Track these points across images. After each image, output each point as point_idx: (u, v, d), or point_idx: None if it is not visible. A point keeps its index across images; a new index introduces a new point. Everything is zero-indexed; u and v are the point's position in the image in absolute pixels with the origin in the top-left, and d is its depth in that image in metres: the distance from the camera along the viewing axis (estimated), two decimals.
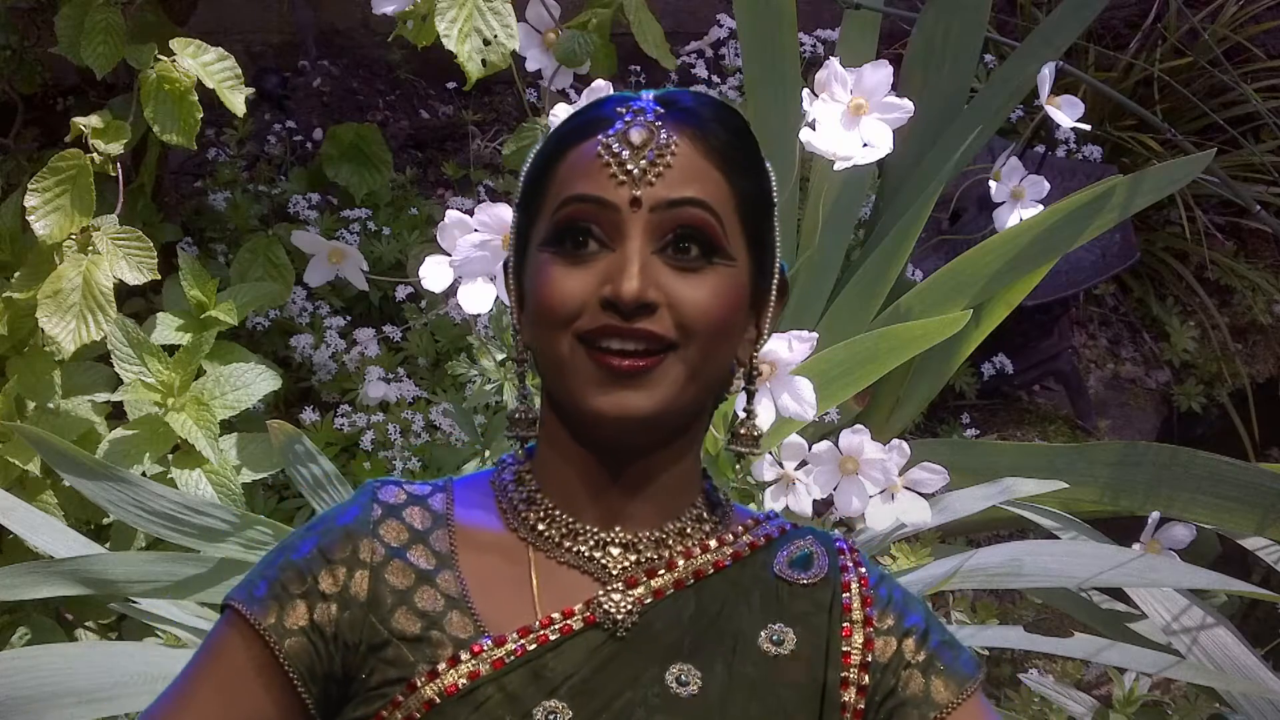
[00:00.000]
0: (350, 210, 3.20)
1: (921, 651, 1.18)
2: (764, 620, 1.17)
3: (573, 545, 1.17)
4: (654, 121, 1.13)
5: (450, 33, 2.27)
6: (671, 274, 1.11)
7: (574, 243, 1.12)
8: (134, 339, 2.46)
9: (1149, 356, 3.87)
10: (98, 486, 2.16)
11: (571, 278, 1.11)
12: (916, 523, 2.18)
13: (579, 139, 1.15)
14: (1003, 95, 2.92)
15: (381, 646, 1.14)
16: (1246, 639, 2.26)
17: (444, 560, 1.16)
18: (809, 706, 1.16)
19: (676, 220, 1.11)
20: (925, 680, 1.17)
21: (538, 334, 1.14)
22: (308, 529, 1.19)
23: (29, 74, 3.08)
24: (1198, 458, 2.42)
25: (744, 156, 1.17)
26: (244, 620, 1.14)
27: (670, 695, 1.14)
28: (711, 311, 1.12)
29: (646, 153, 1.12)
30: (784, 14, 2.75)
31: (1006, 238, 2.57)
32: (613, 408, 1.10)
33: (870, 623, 1.18)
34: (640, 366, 1.10)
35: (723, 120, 1.16)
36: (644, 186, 1.11)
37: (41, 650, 2.18)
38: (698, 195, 1.12)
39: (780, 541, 1.22)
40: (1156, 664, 2.14)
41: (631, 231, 1.11)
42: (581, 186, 1.12)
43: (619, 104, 1.15)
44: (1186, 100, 3.79)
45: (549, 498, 1.18)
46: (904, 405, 2.87)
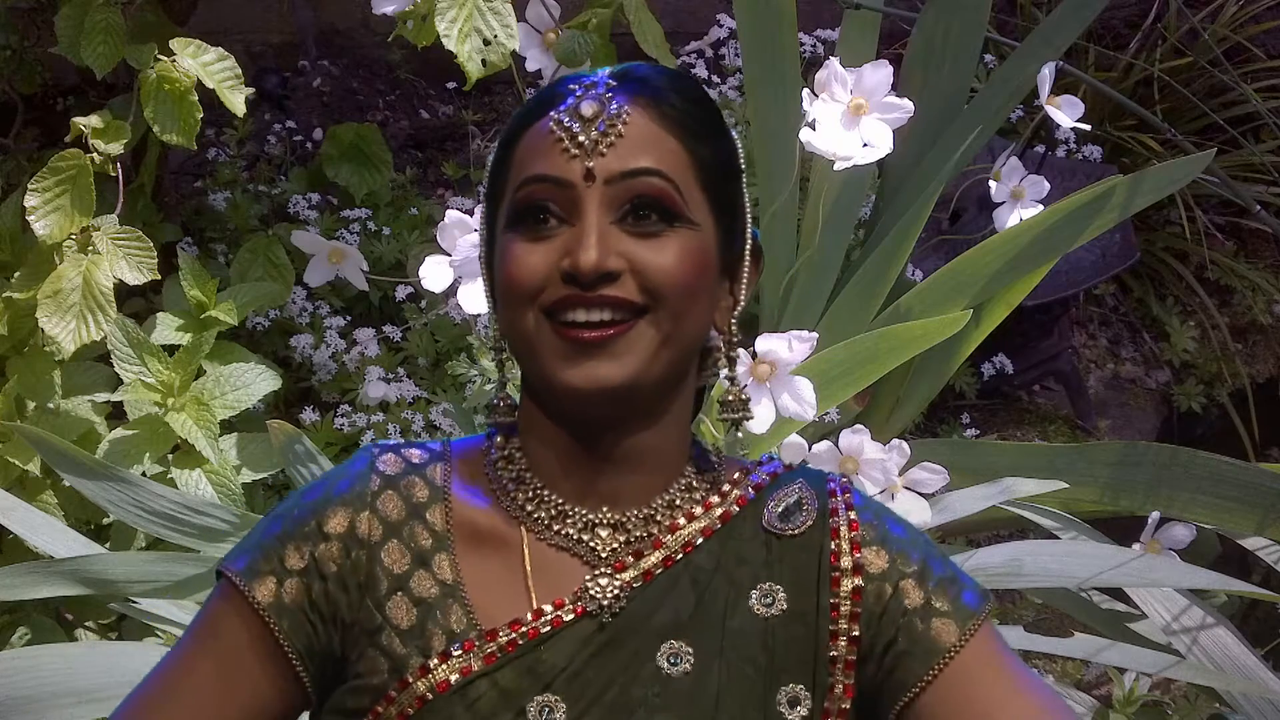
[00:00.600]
0: (350, 210, 3.20)
1: (920, 593, 1.15)
2: (753, 580, 1.16)
3: (561, 528, 1.15)
4: (605, 94, 1.13)
5: (450, 33, 2.27)
6: (632, 241, 1.11)
7: (534, 221, 1.12)
8: (134, 339, 2.46)
9: (1149, 356, 3.87)
10: (98, 486, 2.16)
11: (533, 253, 1.11)
12: (916, 523, 2.18)
13: (534, 119, 1.15)
14: (1003, 95, 2.92)
15: (375, 632, 1.13)
16: (1246, 639, 2.26)
17: (440, 540, 1.15)
18: (804, 664, 1.15)
19: (632, 190, 1.11)
20: (926, 625, 1.14)
21: (505, 313, 1.14)
22: (304, 495, 1.17)
23: (29, 74, 3.08)
24: (1198, 458, 2.42)
25: (702, 123, 1.15)
26: (240, 596, 1.14)
27: (663, 676, 1.13)
28: (676, 273, 1.11)
29: (597, 124, 1.11)
30: (784, 14, 2.75)
31: (1006, 238, 2.57)
32: (583, 380, 1.09)
33: (859, 570, 1.16)
34: (608, 335, 1.09)
35: (679, 89, 1.15)
36: (596, 158, 1.10)
37: (41, 650, 2.18)
38: (651, 164, 1.11)
39: (770, 489, 1.19)
40: (1156, 664, 2.14)
41: (588, 205, 1.10)
42: (536, 166, 1.12)
43: (573, 80, 1.15)
44: (1186, 100, 3.79)
45: (537, 477, 1.17)
46: (904, 405, 2.86)
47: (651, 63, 1.30)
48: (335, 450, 2.74)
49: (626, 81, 1.14)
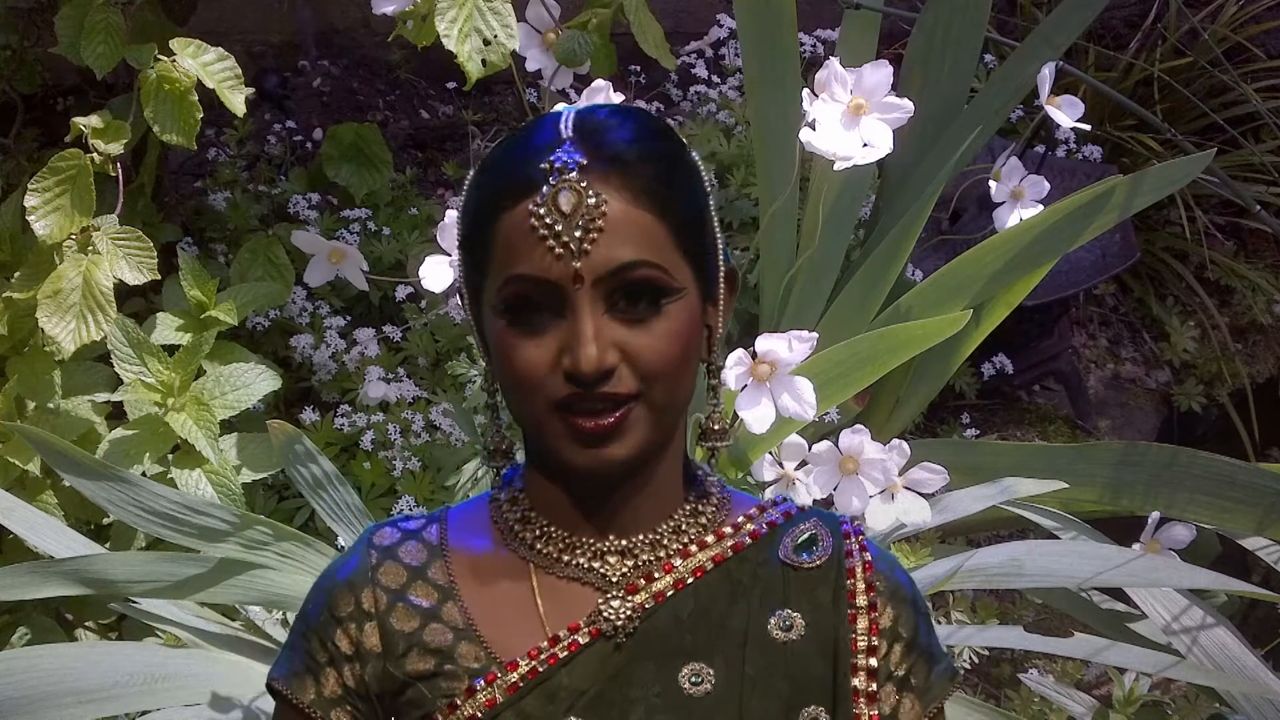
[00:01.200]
0: (350, 210, 3.20)
1: (903, 665, 1.22)
2: (770, 608, 1.19)
3: (571, 559, 1.19)
4: (579, 181, 1.12)
5: (450, 33, 2.27)
6: (624, 329, 1.13)
7: (526, 315, 1.14)
8: (134, 339, 2.46)
9: (1149, 356, 3.87)
10: (98, 486, 2.16)
11: (532, 348, 1.13)
12: (916, 523, 2.18)
13: (510, 202, 1.14)
14: (1003, 95, 2.92)
15: (401, 690, 1.18)
16: (1246, 639, 2.26)
17: (445, 592, 1.20)
18: (823, 689, 1.19)
19: (621, 282, 1.13)
20: (899, 697, 1.21)
21: (511, 398, 1.17)
22: (316, 587, 1.23)
23: (29, 74, 3.08)
24: (1198, 458, 2.42)
25: (673, 181, 1.16)
26: (289, 703, 1.20)
27: (685, 696, 1.16)
28: (669, 354, 1.14)
29: (578, 220, 1.11)
30: (784, 14, 2.75)
31: (1006, 238, 2.57)
32: (591, 461, 1.14)
33: (874, 609, 1.20)
34: (609, 425, 1.12)
35: (647, 152, 1.15)
36: (582, 258, 1.11)
37: (41, 650, 2.18)
38: (637, 255, 1.12)
39: (785, 526, 1.23)
40: (1156, 664, 2.14)
41: (579, 303, 1.12)
42: (522, 266, 1.13)
43: (542, 157, 1.13)
44: (1186, 100, 3.79)
45: (543, 515, 1.21)
46: (904, 405, 2.87)
47: (652, 63, 1.30)
48: (335, 450, 2.74)
49: (597, 158, 1.13)
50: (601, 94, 2.21)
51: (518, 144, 1.17)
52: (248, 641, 2.27)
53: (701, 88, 3.62)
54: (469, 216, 1.19)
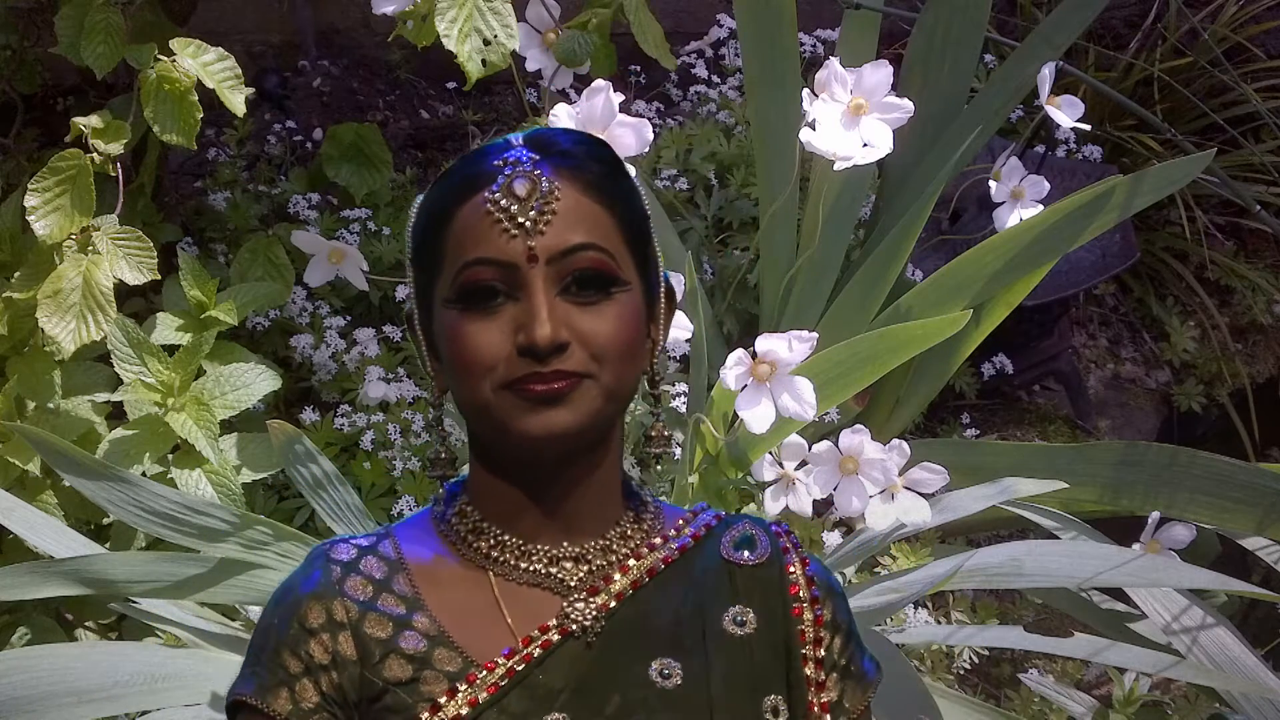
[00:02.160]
0: (350, 210, 3.20)
1: (844, 654, 1.28)
2: (724, 603, 1.25)
3: (528, 565, 1.23)
4: (533, 170, 1.18)
5: (450, 33, 2.27)
6: (576, 311, 1.17)
7: (480, 299, 1.18)
8: (134, 339, 2.46)
9: (1149, 356, 3.87)
10: (98, 486, 2.16)
11: (484, 331, 1.17)
12: (916, 523, 2.19)
13: (465, 197, 1.20)
14: (1003, 95, 2.92)
15: (379, 696, 1.19)
16: (1246, 639, 2.26)
17: (412, 603, 1.22)
18: (779, 679, 1.24)
19: (573, 265, 1.18)
20: (841, 685, 1.27)
21: (460, 384, 1.20)
22: (276, 604, 1.24)
23: (29, 74, 3.08)
24: (1198, 458, 2.42)
25: (619, 186, 1.22)
26: (263, 715, 1.20)
27: (658, 690, 1.21)
28: (618, 338, 1.18)
29: (533, 203, 1.17)
30: (784, 14, 2.75)
31: (1006, 238, 2.57)
32: (540, 427, 1.17)
33: (817, 602, 1.27)
34: (558, 389, 1.16)
35: (594, 154, 1.22)
36: (536, 237, 1.17)
37: (41, 650, 2.19)
38: (588, 239, 1.18)
39: (719, 528, 1.29)
40: (1156, 664, 2.14)
41: (533, 282, 1.16)
42: (478, 249, 1.18)
43: (496, 157, 1.20)
44: (1186, 100, 3.79)
45: (494, 524, 1.24)
46: (904, 405, 2.87)
47: (652, 63, 1.33)
48: (335, 450, 2.74)
49: (548, 154, 1.20)
50: (601, 94, 2.21)
51: (470, 155, 1.24)
52: (248, 642, 2.27)
53: (701, 88, 3.62)
54: (420, 226, 1.24)
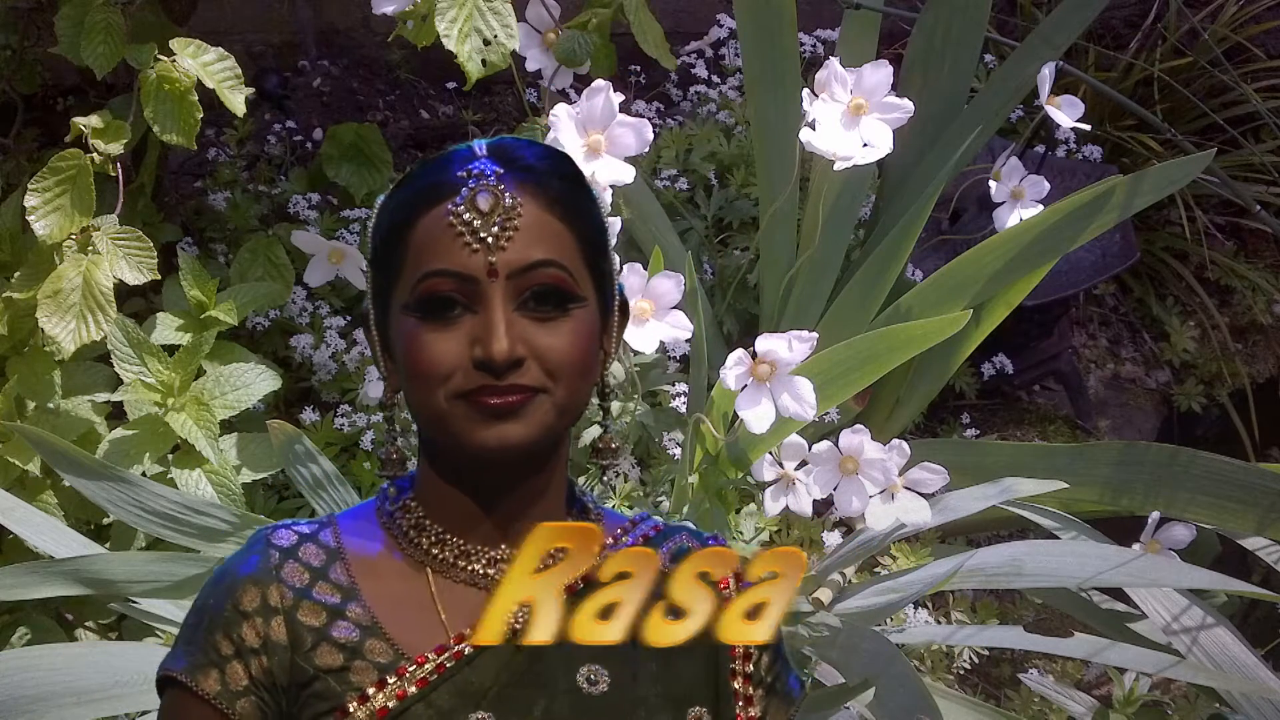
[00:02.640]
0: (350, 210, 3.20)
1: (771, 672, 1.29)
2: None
3: (467, 564, 1.24)
4: (497, 185, 1.19)
5: (450, 33, 2.27)
6: (533, 326, 1.18)
7: (439, 310, 1.19)
8: (134, 339, 2.46)
9: (1149, 356, 3.87)
10: (98, 486, 2.16)
11: (441, 341, 1.18)
12: (916, 523, 2.18)
13: (427, 206, 1.20)
14: (1003, 95, 2.92)
15: (309, 683, 1.20)
16: (1246, 639, 2.26)
17: (347, 593, 1.23)
18: (706, 690, 1.26)
19: (532, 281, 1.18)
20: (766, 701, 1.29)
21: (414, 391, 1.21)
22: (214, 584, 1.24)
23: (29, 74, 3.08)
24: (1198, 458, 2.42)
25: (580, 201, 1.23)
26: (191, 693, 1.21)
27: (583, 695, 1.22)
28: (572, 355, 1.19)
29: (495, 218, 1.18)
30: (784, 14, 2.75)
31: (1006, 238, 2.57)
32: (494, 439, 1.18)
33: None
34: (512, 402, 1.17)
35: (556, 170, 1.23)
36: (497, 253, 1.17)
37: (41, 650, 2.19)
38: (548, 256, 1.19)
39: (658, 539, 1.30)
40: (1156, 664, 2.15)
41: (492, 296, 1.17)
42: (438, 261, 1.18)
43: (459, 168, 1.20)
44: (1186, 100, 3.78)
45: (437, 523, 1.25)
46: (904, 405, 2.86)
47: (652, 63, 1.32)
48: (335, 450, 2.73)
49: (512, 168, 1.20)
50: (601, 94, 2.21)
51: (434, 162, 1.24)
52: None
53: (701, 88, 3.62)
54: (382, 229, 1.24)
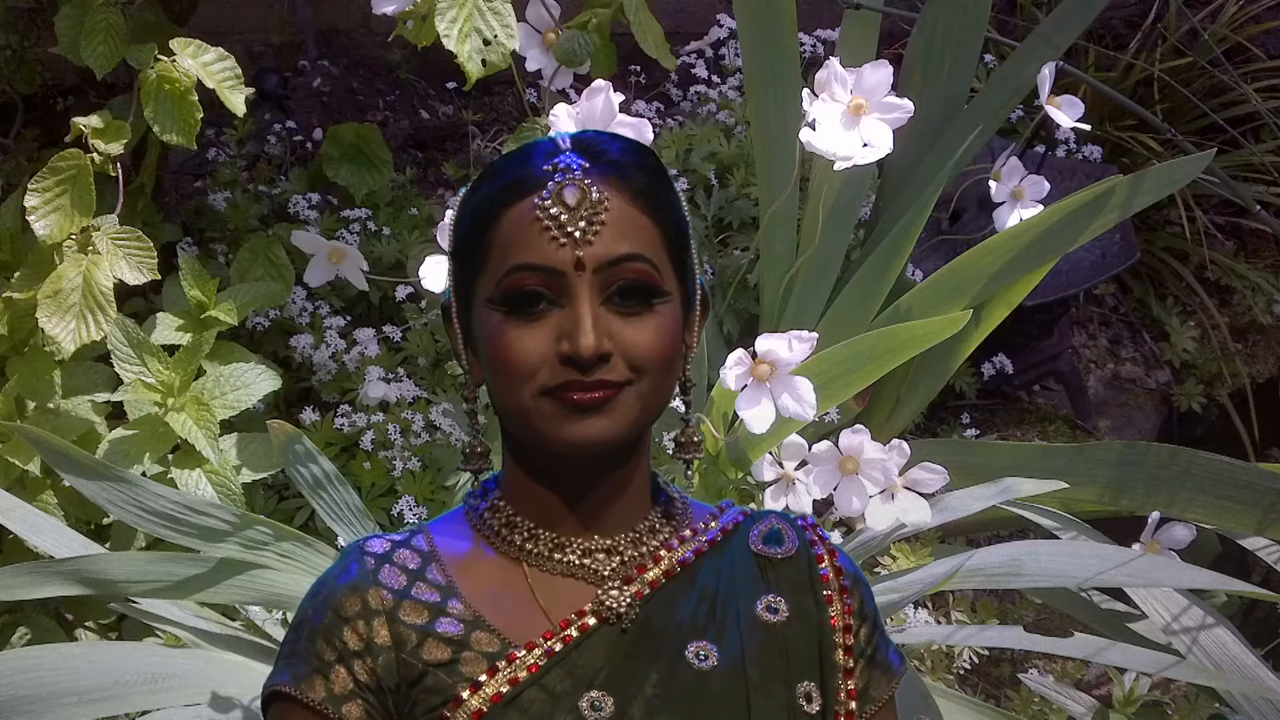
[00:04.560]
0: (350, 210, 3.20)
1: (871, 643, 1.30)
2: (756, 593, 1.28)
3: (562, 556, 1.25)
4: (583, 179, 1.19)
5: (450, 33, 2.27)
6: (619, 320, 1.19)
7: (525, 304, 1.19)
8: (134, 339, 2.46)
9: (1149, 356, 3.87)
10: (98, 486, 2.16)
11: (527, 337, 1.18)
12: (916, 523, 2.18)
13: (513, 200, 1.20)
14: (1003, 95, 2.92)
15: (419, 679, 1.21)
16: (1246, 639, 2.26)
17: (446, 591, 1.24)
18: (811, 665, 1.27)
19: (619, 275, 1.19)
20: (869, 673, 1.29)
21: (499, 387, 1.21)
22: (312, 597, 1.25)
23: (29, 74, 3.08)
24: (1198, 458, 2.42)
25: (664, 194, 1.24)
26: (298, 703, 1.20)
27: (694, 670, 1.23)
28: (657, 349, 1.20)
29: (582, 212, 1.18)
30: (784, 14, 2.75)
31: (1006, 238, 2.57)
32: (580, 435, 1.19)
33: (846, 592, 1.30)
34: (598, 398, 1.18)
35: (640, 163, 1.23)
36: (584, 247, 1.18)
37: (41, 650, 2.18)
38: (634, 249, 1.19)
39: (747, 523, 1.32)
40: (1156, 664, 2.14)
41: (579, 290, 1.18)
42: (526, 255, 1.19)
43: (545, 161, 1.21)
44: (1186, 100, 3.78)
45: (528, 519, 1.26)
46: (904, 405, 2.86)
47: (652, 63, 1.33)
48: (335, 450, 2.74)
49: (597, 162, 1.21)
50: (601, 94, 2.20)
51: (517, 155, 1.24)
52: (248, 641, 2.27)
53: (701, 88, 3.62)
54: (466, 221, 1.24)
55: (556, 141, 1.23)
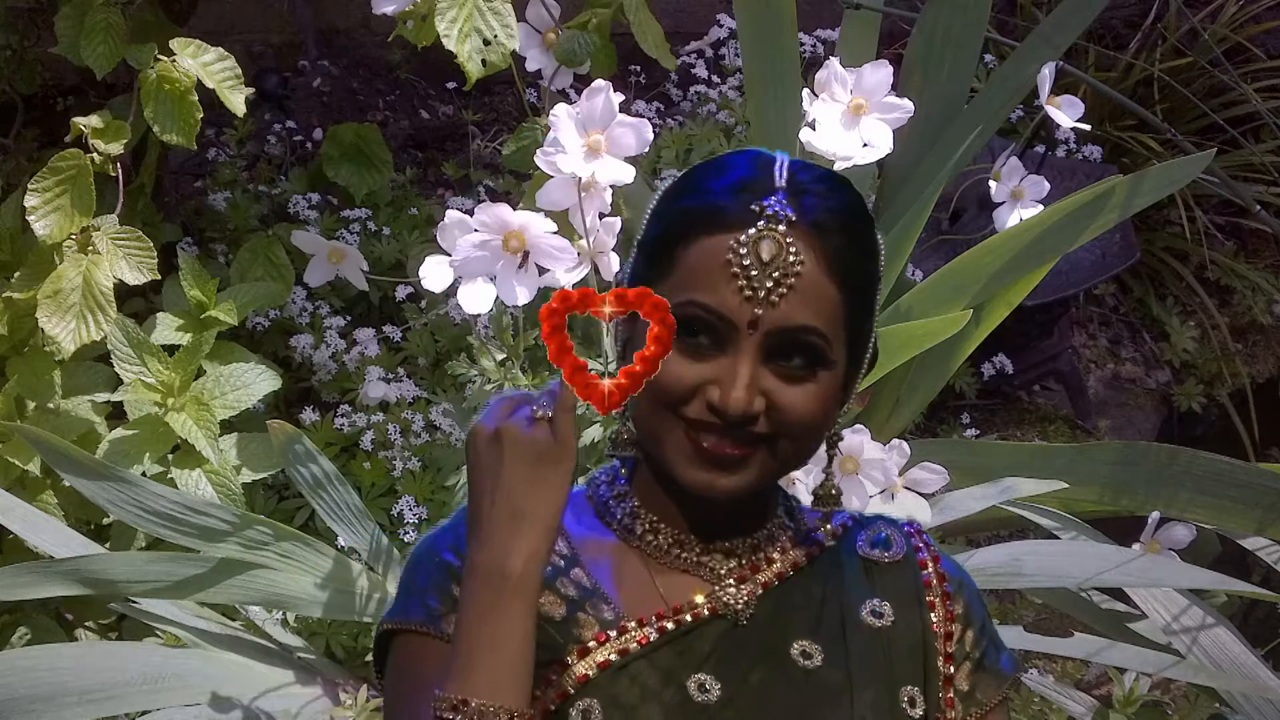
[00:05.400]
0: (350, 210, 3.20)
1: (978, 648, 1.30)
2: (862, 596, 1.29)
3: (681, 552, 1.27)
4: (785, 235, 1.16)
5: (450, 33, 2.27)
6: (776, 380, 1.18)
7: (690, 335, 1.17)
8: (134, 339, 2.46)
9: (1149, 356, 3.87)
10: (98, 486, 2.16)
11: (684, 366, 1.17)
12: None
13: (710, 230, 1.18)
14: (1003, 95, 2.92)
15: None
16: (1246, 639, 2.26)
17: (569, 560, 1.25)
18: (915, 671, 1.28)
19: (789, 342, 1.18)
20: (975, 676, 1.29)
21: (645, 408, 1.20)
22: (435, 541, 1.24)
23: (29, 74, 3.08)
24: (1198, 458, 2.42)
25: (861, 257, 1.21)
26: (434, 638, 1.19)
27: (800, 668, 1.24)
28: (809, 415, 1.20)
29: (773, 272, 1.16)
30: (784, 14, 2.75)
31: (1006, 238, 2.57)
32: (702, 484, 1.19)
33: (948, 598, 1.31)
34: (732, 454, 1.18)
35: (847, 223, 1.19)
36: (765, 307, 1.16)
37: (41, 650, 2.19)
38: (812, 322, 1.17)
39: (855, 528, 1.34)
40: (1156, 664, 2.14)
41: (744, 346, 1.17)
42: (705, 295, 1.17)
43: (753, 198, 1.17)
44: (1186, 100, 3.79)
45: (652, 513, 1.27)
46: (904, 405, 2.86)
47: (652, 63, 1.31)
48: (335, 450, 2.74)
49: (804, 216, 1.17)
50: (601, 94, 2.20)
51: (728, 174, 1.20)
52: (248, 641, 2.27)
53: (701, 88, 3.62)
54: (660, 224, 1.22)
55: (774, 173, 1.19)
